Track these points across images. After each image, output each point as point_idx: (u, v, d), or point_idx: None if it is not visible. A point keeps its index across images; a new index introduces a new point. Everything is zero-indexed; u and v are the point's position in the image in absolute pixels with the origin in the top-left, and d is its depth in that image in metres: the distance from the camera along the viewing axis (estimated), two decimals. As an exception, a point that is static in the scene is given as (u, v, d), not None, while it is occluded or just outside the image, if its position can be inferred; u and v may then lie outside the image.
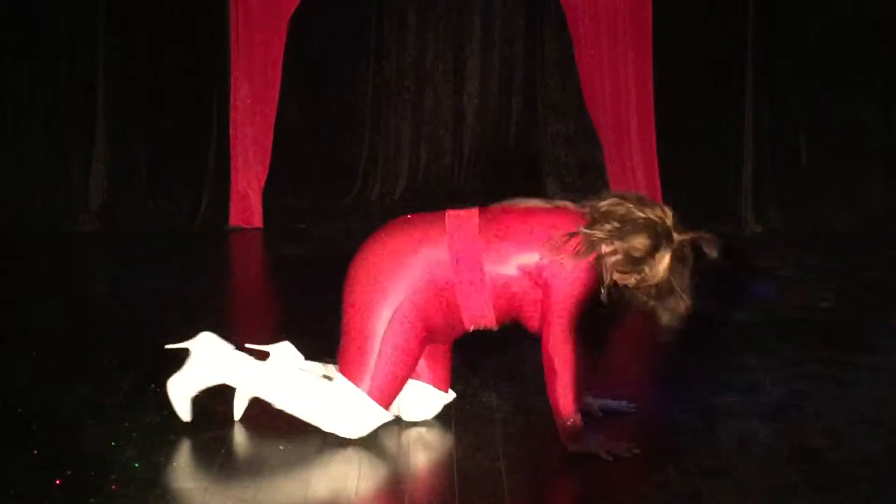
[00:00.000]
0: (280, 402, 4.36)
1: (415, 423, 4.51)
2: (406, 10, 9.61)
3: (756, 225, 8.78)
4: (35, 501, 3.77)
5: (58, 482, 3.89)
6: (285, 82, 8.71)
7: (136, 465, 4.07)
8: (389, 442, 4.36)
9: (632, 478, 4.07)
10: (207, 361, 4.38)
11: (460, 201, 9.36)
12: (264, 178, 8.75)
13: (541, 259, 4.22)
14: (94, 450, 4.19)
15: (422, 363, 4.46)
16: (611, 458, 4.15)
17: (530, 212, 4.34)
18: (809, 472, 4.10)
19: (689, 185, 8.75)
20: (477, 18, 9.68)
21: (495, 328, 4.42)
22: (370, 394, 4.27)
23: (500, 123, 9.79)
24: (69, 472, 3.96)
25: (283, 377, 4.35)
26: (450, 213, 4.39)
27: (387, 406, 4.32)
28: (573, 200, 4.43)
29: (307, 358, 4.47)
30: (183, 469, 4.04)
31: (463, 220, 4.33)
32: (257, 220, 8.76)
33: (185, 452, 4.17)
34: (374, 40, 9.59)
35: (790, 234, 8.65)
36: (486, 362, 5.21)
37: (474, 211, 4.38)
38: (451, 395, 4.57)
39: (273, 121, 8.71)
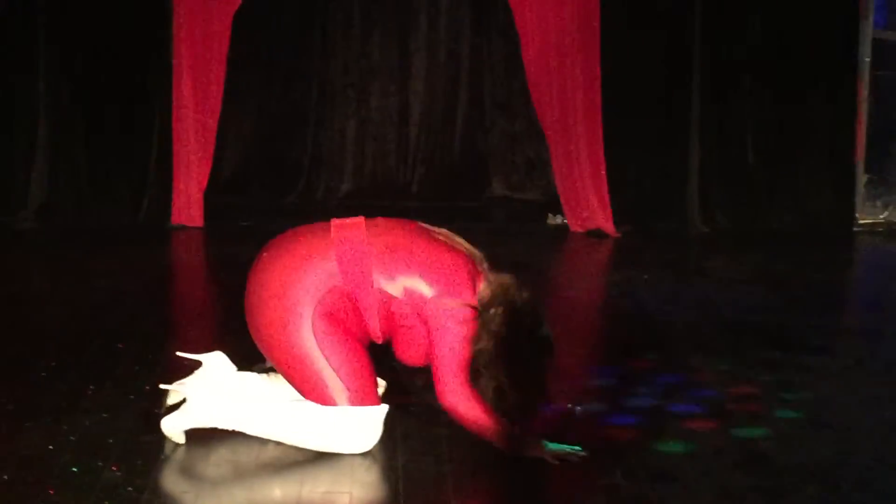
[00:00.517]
0: (282, 439, 4.25)
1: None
2: (351, 7, 9.54)
3: (702, 225, 8.80)
4: (-31, 507, 3.70)
5: (-7, 487, 3.82)
6: (229, 80, 8.64)
7: (74, 468, 4.00)
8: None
9: (579, 482, 4.04)
10: (203, 407, 4.24)
11: (406, 199, 9.35)
12: (207, 175, 8.68)
13: (428, 297, 4.15)
14: (32, 453, 4.11)
15: None
16: (557, 462, 4.11)
17: (423, 237, 4.28)
18: (757, 476, 4.09)
19: (635, 185, 8.78)
20: (422, 16, 9.63)
21: (379, 341, 4.33)
22: (352, 401, 4.18)
23: (445, 121, 9.75)
24: (5, 477, 3.89)
25: (278, 416, 4.23)
26: (335, 222, 4.32)
27: (374, 399, 4.24)
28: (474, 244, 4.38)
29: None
30: (122, 473, 3.97)
31: (349, 229, 4.26)
32: (199, 219, 8.68)
33: (124, 456, 4.10)
34: (319, 38, 9.52)
35: (736, 234, 8.68)
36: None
37: (360, 219, 4.32)
38: (381, 384, 4.46)
39: (217, 118, 8.64)
